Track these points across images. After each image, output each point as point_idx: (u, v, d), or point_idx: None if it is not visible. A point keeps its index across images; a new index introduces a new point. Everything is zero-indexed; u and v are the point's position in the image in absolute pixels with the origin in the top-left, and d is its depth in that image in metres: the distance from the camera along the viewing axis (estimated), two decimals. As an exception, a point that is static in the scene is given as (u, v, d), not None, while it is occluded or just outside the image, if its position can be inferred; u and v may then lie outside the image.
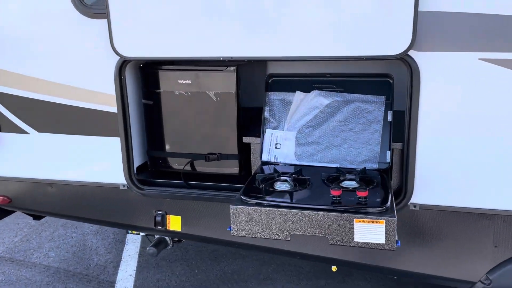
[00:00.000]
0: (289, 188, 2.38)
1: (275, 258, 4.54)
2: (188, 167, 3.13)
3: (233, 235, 2.26)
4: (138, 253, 4.79)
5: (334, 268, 3.31)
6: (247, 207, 2.21)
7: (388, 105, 2.68)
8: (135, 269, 4.49)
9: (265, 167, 2.73)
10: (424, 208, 2.60)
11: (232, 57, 2.61)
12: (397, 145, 2.68)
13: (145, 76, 3.09)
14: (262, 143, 2.81)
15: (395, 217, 2.05)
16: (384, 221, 2.04)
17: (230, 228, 2.28)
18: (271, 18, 2.47)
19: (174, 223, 3.07)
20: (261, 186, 2.43)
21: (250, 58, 2.64)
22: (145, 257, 4.69)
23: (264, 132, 2.82)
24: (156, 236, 3.53)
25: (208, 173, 3.15)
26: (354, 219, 2.08)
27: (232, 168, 3.10)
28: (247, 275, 4.33)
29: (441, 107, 2.45)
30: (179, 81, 3.02)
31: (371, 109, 2.69)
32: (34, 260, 4.67)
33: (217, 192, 2.96)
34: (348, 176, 2.44)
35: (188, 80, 3.00)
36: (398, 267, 2.74)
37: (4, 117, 3.16)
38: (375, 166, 2.62)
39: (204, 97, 3.00)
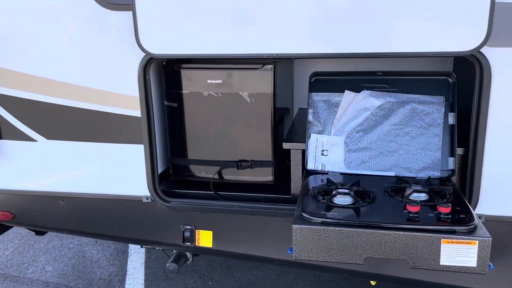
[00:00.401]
0: (352, 202, 2.10)
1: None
2: (214, 175, 2.82)
3: (295, 259, 1.97)
4: (143, 264, 4.46)
5: (373, 282, 3.06)
6: (313, 227, 1.92)
7: (448, 106, 2.42)
8: (143, 282, 4.16)
9: (310, 176, 2.45)
10: (491, 219, 2.36)
11: (277, 55, 2.32)
12: (457, 150, 2.43)
13: (169, 76, 2.77)
14: (307, 149, 2.52)
15: (489, 236, 1.80)
16: (477, 241, 1.79)
17: (291, 250, 1.99)
18: (319, 11, 2.18)
19: (205, 239, 2.76)
20: (319, 200, 2.14)
21: (297, 55, 2.35)
22: (152, 269, 4.36)
23: (308, 137, 2.53)
24: (174, 250, 3.22)
25: (237, 182, 2.85)
26: (442, 239, 1.81)
27: (266, 176, 2.82)
28: (264, 286, 4.05)
29: (514, 108, 2.21)
30: (209, 81, 2.71)
31: (429, 111, 2.43)
32: (30, 276, 4.28)
33: (254, 204, 2.66)
34: (414, 187, 2.17)
35: (219, 79, 2.69)
36: (460, 284, 2.50)
37: (7, 123, 2.79)
38: (437, 174, 2.37)
39: (237, 99, 2.69)
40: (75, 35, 2.57)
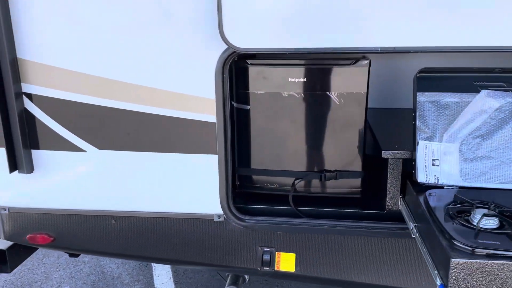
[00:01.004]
0: (499, 225, 1.76)
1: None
2: (293, 188, 2.46)
3: (449, 298, 1.62)
4: (172, 279, 4.04)
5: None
6: (481, 261, 1.57)
7: None
8: (175, 301, 3.75)
9: (429, 191, 2.10)
10: None
11: (394, 48, 1.95)
12: None
13: (241, 73, 2.36)
14: (416, 159, 2.17)
15: None
16: None
17: (442, 287, 1.64)
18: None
19: (286, 262, 2.38)
20: (456, 223, 1.80)
21: (417, 49, 1.99)
22: (182, 285, 3.95)
23: (416, 144, 2.18)
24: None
25: (315, 196, 2.49)
26: None
27: (352, 188, 2.46)
28: (311, 300, 3.69)
29: None
30: (290, 80, 2.32)
31: (558, 114, 2.11)
32: (45, 296, 3.82)
33: (347, 223, 2.30)
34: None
35: (303, 78, 2.31)
36: None
37: (47, 130, 2.33)
38: None
39: (323, 100, 2.33)
40: (136, 24, 2.13)
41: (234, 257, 2.42)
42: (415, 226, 2.03)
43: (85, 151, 2.33)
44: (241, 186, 2.56)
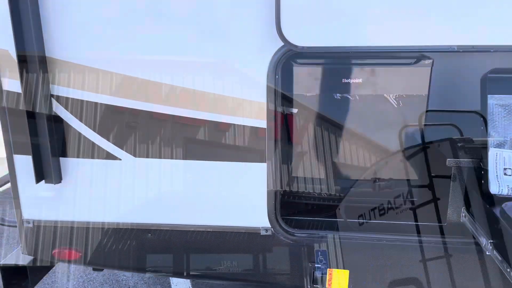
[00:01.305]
0: None
1: None
2: (325, 196, 2.29)
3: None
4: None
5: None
6: None
7: None
8: (198, 312, 3.54)
9: (508, 204, 1.91)
10: None
11: (473, 47, 1.77)
12: None
13: (287, 74, 2.16)
14: (488, 168, 1.98)
15: None
16: None
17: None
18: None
19: (339, 280, 2.19)
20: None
21: (493, 47, 1.81)
22: (203, 295, 3.74)
23: (487, 151, 2.00)
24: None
25: (366, 206, 2.31)
26: None
27: (408, 198, 2.27)
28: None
29: None
30: (344, 81, 2.13)
31: None
32: (59, 309, 3.60)
33: (408, 237, 2.12)
34: None
35: (359, 79, 2.12)
36: None
37: (78, 135, 2.12)
38: None
39: (380, 102, 2.15)
40: (180, 24, 1.92)
41: (281, 274, 2.22)
42: (491, 242, 1.84)
43: (120, 159, 2.12)
44: (284, 196, 2.37)
